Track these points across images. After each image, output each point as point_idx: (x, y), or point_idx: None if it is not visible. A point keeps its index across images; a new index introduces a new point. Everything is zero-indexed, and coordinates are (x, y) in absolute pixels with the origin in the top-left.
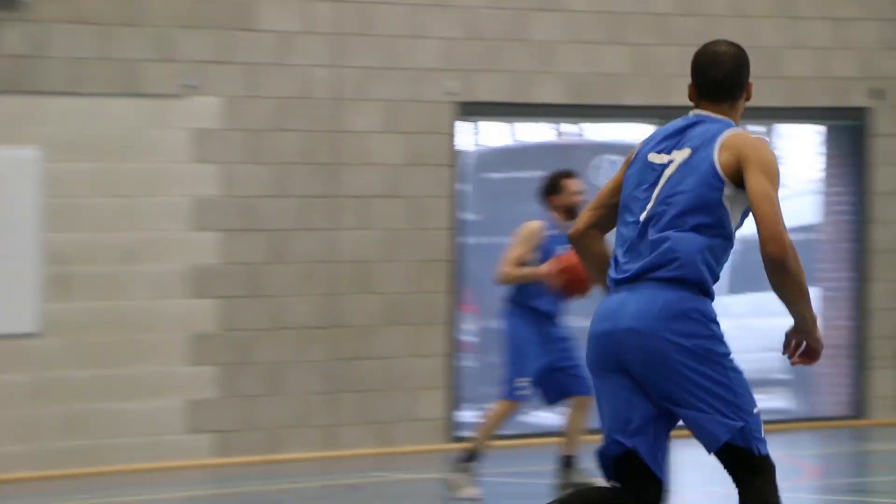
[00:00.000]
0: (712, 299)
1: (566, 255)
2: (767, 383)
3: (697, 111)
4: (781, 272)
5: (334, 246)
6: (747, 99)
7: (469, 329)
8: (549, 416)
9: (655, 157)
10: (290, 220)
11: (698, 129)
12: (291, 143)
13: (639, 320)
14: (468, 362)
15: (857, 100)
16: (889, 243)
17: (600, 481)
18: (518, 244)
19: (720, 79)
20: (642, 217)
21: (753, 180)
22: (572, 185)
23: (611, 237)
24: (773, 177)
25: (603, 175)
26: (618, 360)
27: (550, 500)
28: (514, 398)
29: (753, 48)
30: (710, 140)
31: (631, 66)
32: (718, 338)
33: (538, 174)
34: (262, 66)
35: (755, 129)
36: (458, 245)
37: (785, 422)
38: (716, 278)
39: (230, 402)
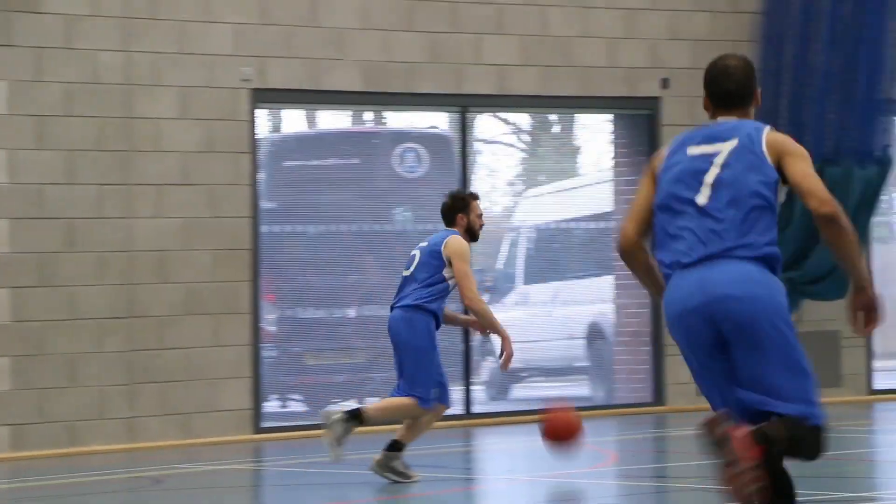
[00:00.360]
0: (780, 273)
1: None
2: (569, 371)
3: (721, 118)
4: (836, 227)
5: (130, 235)
6: (755, 106)
7: (269, 318)
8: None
9: (697, 150)
10: (83, 209)
11: (731, 125)
12: (81, 130)
13: (732, 287)
14: (269, 352)
15: (646, 89)
16: None
17: (415, 477)
18: (468, 265)
19: (733, 90)
20: (700, 201)
21: (795, 165)
22: (478, 206)
23: None
24: (809, 160)
25: (405, 164)
26: (715, 331)
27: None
28: (429, 407)
29: (545, 37)
30: (754, 133)
31: (425, 53)
32: (789, 311)
33: (337, 162)
34: (48, 50)
35: (551, 118)
36: (258, 233)
37: (586, 409)
38: (778, 252)
39: (25, 394)
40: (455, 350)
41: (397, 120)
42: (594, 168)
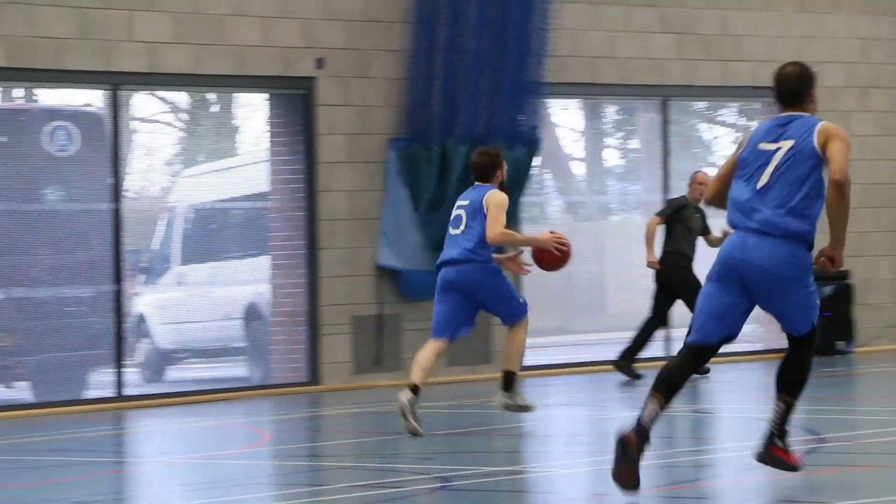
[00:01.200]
0: (811, 247)
1: (563, 237)
2: (226, 352)
3: (787, 112)
4: (841, 193)
5: None
6: (811, 102)
7: None
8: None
9: (765, 146)
10: None
11: (795, 124)
12: None
13: (768, 261)
14: None
15: (301, 69)
16: (334, 212)
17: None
18: (502, 212)
19: (787, 91)
20: (759, 186)
21: (833, 144)
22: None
23: None
24: (847, 144)
25: (56, 142)
26: (742, 280)
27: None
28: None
29: (198, 15)
30: (809, 130)
31: (73, 29)
32: (809, 270)
33: None
34: None
35: (209, 97)
36: None
37: (242, 389)
38: (814, 228)
39: None
40: (107, 332)
41: (50, 97)
42: (253, 148)
